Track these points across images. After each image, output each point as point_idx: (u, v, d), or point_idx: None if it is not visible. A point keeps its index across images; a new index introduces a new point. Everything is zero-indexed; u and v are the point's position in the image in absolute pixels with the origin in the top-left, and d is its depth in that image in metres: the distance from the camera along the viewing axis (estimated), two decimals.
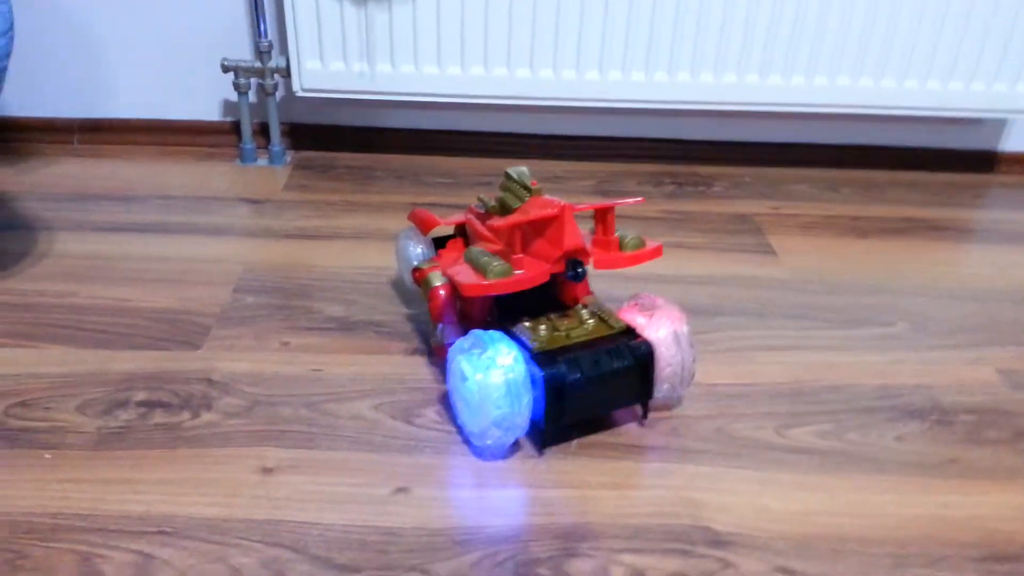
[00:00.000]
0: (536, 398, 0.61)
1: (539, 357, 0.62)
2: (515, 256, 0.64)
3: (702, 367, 0.75)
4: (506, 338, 0.63)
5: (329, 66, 1.09)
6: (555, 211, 0.63)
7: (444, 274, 0.71)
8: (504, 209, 0.69)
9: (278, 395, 0.70)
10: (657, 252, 0.67)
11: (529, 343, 0.63)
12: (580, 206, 0.65)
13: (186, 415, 0.67)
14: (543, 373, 0.61)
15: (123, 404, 0.68)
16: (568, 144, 1.24)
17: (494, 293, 0.62)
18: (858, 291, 0.90)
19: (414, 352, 0.76)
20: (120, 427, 0.66)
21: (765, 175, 1.22)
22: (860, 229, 1.06)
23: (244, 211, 1.04)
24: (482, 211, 0.73)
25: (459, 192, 1.12)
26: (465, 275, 0.64)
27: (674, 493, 0.61)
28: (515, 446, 0.65)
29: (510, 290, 0.62)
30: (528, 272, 0.63)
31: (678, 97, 1.11)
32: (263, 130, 1.22)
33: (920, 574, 0.55)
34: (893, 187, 1.20)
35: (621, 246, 0.66)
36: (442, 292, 0.70)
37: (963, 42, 1.09)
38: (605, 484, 0.61)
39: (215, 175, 1.15)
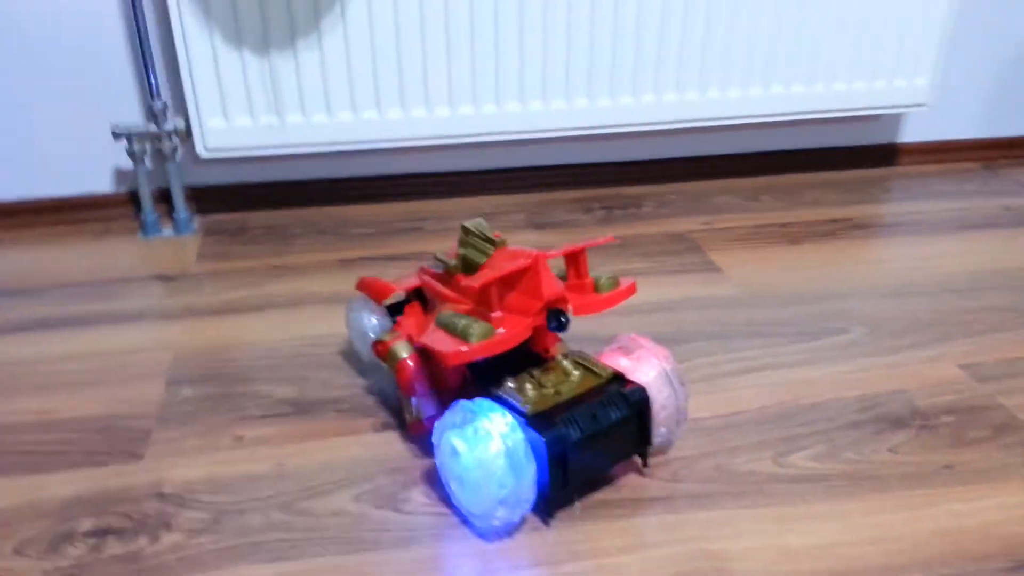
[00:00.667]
0: (538, 466, 0.57)
1: (534, 421, 0.58)
2: (494, 315, 0.60)
3: None
4: (495, 404, 0.59)
5: (234, 122, 1.02)
6: (529, 261, 0.60)
7: (411, 343, 0.66)
8: (468, 266, 0.65)
9: (243, 501, 0.63)
10: (631, 290, 0.64)
11: (520, 406, 0.59)
12: (551, 252, 0.61)
13: (144, 540, 0.59)
14: (543, 438, 0.57)
15: (68, 538, 0.59)
16: (492, 178, 1.21)
17: (480, 357, 0.58)
18: (807, 300, 0.91)
19: (384, 427, 0.71)
20: (72, 566, 0.57)
21: (688, 191, 1.22)
22: (791, 235, 1.07)
23: (158, 290, 0.96)
24: (440, 271, 0.68)
25: (386, 242, 1.06)
26: (443, 343, 0.59)
27: (692, 547, 0.58)
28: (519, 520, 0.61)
29: (495, 352, 0.58)
30: (511, 330, 0.59)
31: (599, 122, 1.10)
32: (163, 196, 1.13)
33: None
34: (809, 189, 1.23)
35: (596, 288, 0.63)
36: (411, 363, 0.65)
37: (862, 40, 1.13)
38: (622, 548, 0.58)
39: (118, 253, 1.05)
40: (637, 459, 0.65)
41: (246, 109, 1.01)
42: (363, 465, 0.66)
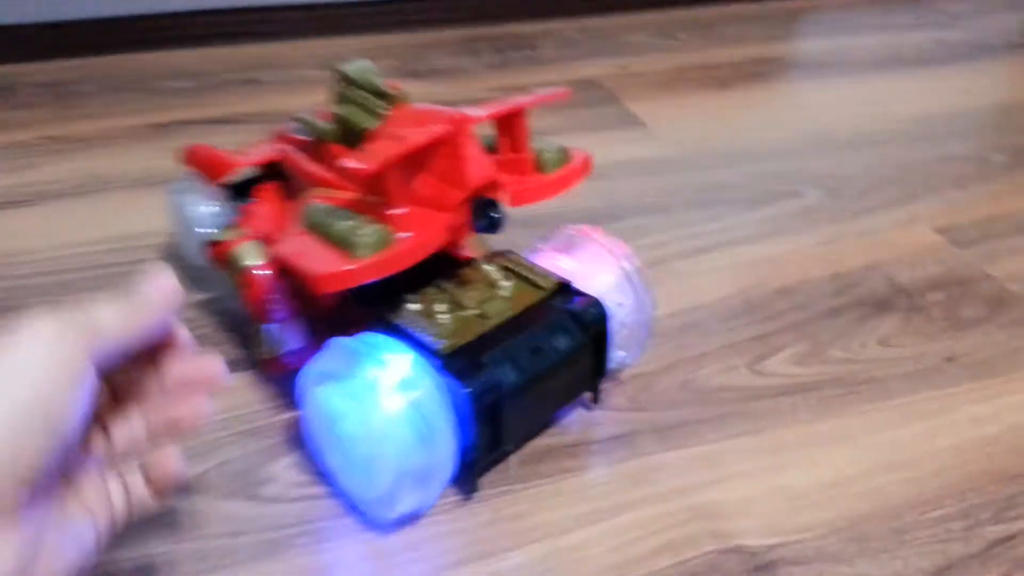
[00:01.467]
0: (459, 427, 0.40)
1: (452, 362, 0.40)
2: (393, 211, 0.40)
3: None
4: (392, 340, 0.40)
5: None
6: (447, 129, 0.40)
7: (264, 244, 0.46)
8: (349, 133, 0.43)
9: None
10: (587, 166, 0.46)
11: (430, 341, 0.41)
12: (477, 114, 0.41)
13: None
14: (465, 387, 0.39)
15: None
16: (350, 13, 0.96)
17: (370, 279, 0.39)
18: (750, 158, 0.76)
19: (223, 368, 0.51)
20: None
21: (593, 27, 1.02)
22: (718, 79, 0.91)
23: None
24: (308, 139, 0.47)
25: (211, 99, 0.81)
26: (315, 257, 0.39)
27: (674, 503, 0.43)
28: None
29: (396, 270, 0.39)
30: (419, 234, 0.40)
31: None
32: None
33: (1002, 533, 0.42)
34: (726, 24, 1.06)
35: (540, 165, 0.44)
36: (262, 273, 0.45)
37: None
38: (581, 518, 0.42)
39: None
40: (585, 395, 0.49)
41: None
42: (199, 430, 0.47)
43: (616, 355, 0.46)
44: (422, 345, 0.41)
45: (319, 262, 0.38)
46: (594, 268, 0.46)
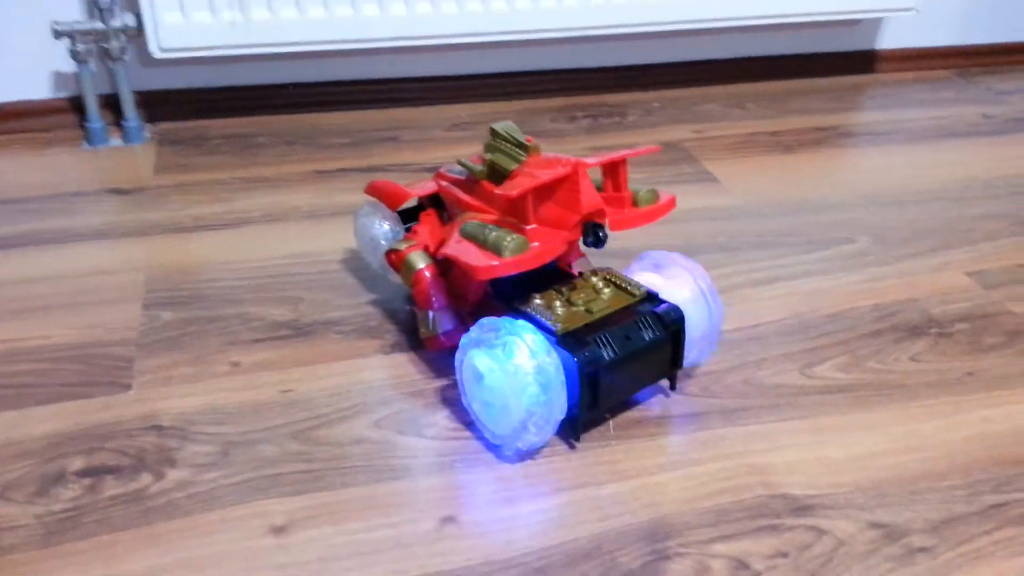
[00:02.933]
0: (568, 384, 0.54)
1: (565, 340, 0.55)
2: (528, 227, 0.56)
3: None
4: (524, 322, 0.55)
5: (192, 18, 0.91)
6: (567, 170, 0.55)
7: (428, 253, 0.62)
8: (496, 173, 0.59)
9: (253, 431, 0.58)
10: (671, 204, 0.61)
11: (550, 324, 0.56)
12: (591, 161, 0.57)
13: (147, 478, 0.54)
14: (574, 358, 0.53)
15: (59, 479, 0.54)
16: (470, 84, 1.14)
17: (512, 272, 0.54)
18: (809, 210, 0.89)
19: (392, 349, 0.66)
20: (68, 510, 0.52)
21: (672, 98, 1.18)
22: (783, 144, 1.05)
23: (115, 205, 0.87)
24: (463, 177, 0.63)
25: (363, 152, 0.99)
26: (471, 255, 0.55)
27: (735, 462, 0.56)
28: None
29: (529, 267, 0.54)
30: (544, 244, 0.55)
31: (585, 23, 1.04)
32: (109, 103, 1.02)
33: (999, 500, 0.54)
34: (793, 97, 1.20)
35: (635, 201, 0.59)
36: (428, 274, 0.61)
37: None
38: (663, 466, 0.56)
39: (65, 165, 0.95)
40: (664, 382, 0.62)
41: (205, 3, 0.91)
42: (376, 389, 0.62)
43: (690, 353, 0.60)
44: (544, 327, 0.55)
45: (477, 259, 0.54)
46: (675, 283, 0.60)
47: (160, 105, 1.04)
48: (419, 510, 0.52)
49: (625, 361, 0.56)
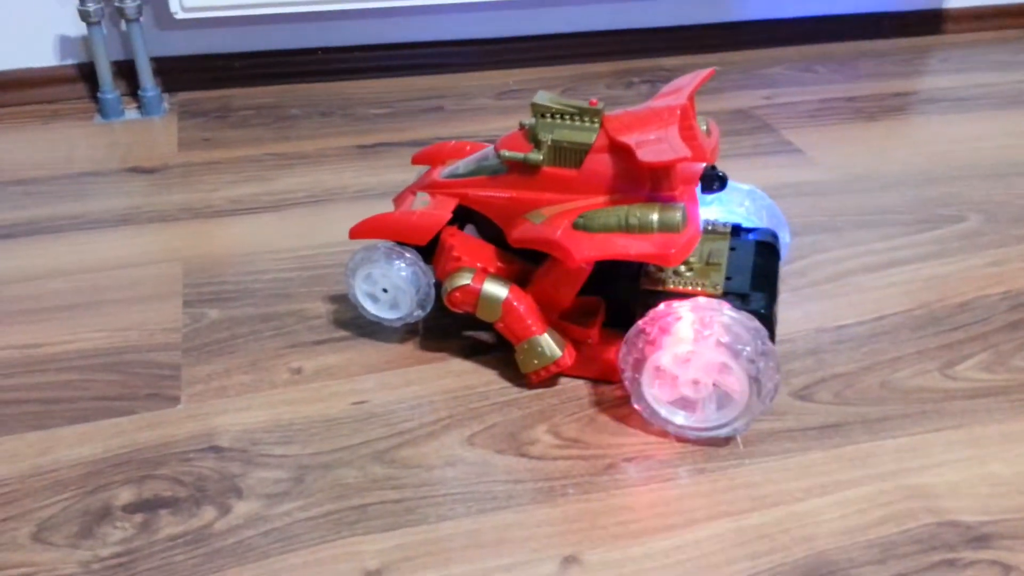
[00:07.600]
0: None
1: (731, 297, 0.51)
2: (675, 194, 0.48)
3: (817, 306, 0.63)
4: (696, 299, 0.49)
5: None
6: (678, 120, 0.48)
7: (500, 276, 0.53)
8: (564, 152, 0.50)
9: (327, 452, 0.50)
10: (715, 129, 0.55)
11: (710, 289, 0.51)
12: (681, 102, 0.49)
13: (210, 512, 0.46)
14: (760, 308, 0.51)
15: (105, 515, 0.46)
16: (516, 47, 1.04)
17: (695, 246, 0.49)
18: (909, 184, 0.80)
19: (473, 351, 0.58)
20: (118, 554, 0.44)
21: (733, 61, 1.08)
22: (863, 111, 0.96)
23: (137, 186, 0.78)
24: (482, 175, 0.54)
25: (405, 124, 0.90)
26: (639, 246, 0.47)
27: (891, 483, 0.48)
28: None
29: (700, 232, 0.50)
30: (691, 207, 0.49)
31: None
32: (123, 72, 0.92)
33: None
34: (862, 59, 1.10)
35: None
36: (516, 302, 0.52)
37: None
38: (810, 490, 0.48)
39: (75, 141, 0.86)
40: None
41: None
42: (464, 399, 0.54)
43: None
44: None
45: (650, 247, 0.47)
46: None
47: (180, 72, 0.94)
48: (534, 549, 0.44)
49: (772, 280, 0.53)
